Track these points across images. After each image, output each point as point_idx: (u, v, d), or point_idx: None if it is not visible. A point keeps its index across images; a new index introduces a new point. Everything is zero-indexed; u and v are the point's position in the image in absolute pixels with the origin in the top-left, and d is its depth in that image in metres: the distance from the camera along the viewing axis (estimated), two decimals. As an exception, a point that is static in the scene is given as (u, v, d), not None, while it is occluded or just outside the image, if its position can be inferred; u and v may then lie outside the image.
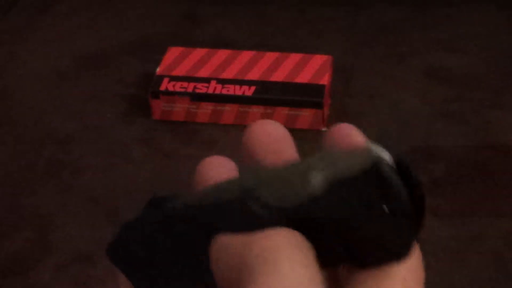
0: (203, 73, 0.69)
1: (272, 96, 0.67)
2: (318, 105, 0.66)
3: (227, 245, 0.25)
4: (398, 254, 0.25)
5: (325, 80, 0.68)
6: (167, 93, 0.68)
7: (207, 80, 0.68)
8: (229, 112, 0.68)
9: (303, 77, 0.68)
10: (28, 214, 0.62)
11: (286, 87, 0.67)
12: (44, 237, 0.61)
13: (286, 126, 0.68)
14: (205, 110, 0.68)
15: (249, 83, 0.68)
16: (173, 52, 0.71)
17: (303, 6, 0.81)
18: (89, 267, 0.58)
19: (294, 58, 0.70)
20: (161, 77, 0.69)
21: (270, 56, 0.70)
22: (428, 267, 0.57)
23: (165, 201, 0.27)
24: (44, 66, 0.76)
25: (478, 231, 0.59)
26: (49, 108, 0.71)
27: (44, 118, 0.70)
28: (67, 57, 0.77)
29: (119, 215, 0.62)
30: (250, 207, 0.25)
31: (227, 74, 0.69)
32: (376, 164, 0.25)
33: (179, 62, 0.70)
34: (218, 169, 0.29)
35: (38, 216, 0.62)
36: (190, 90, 0.68)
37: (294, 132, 0.69)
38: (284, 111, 0.67)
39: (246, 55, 0.70)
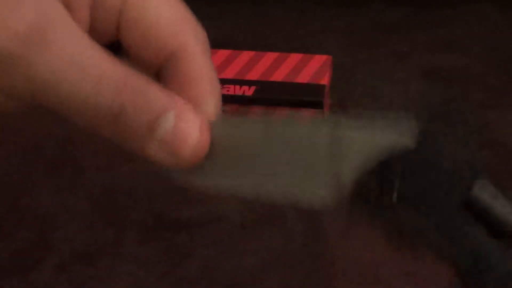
0: (203, 73, 0.69)
1: (272, 96, 0.67)
2: (318, 105, 0.66)
3: None
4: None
5: (325, 80, 0.68)
6: (167, 93, 0.68)
7: (207, 80, 0.68)
8: (229, 112, 0.68)
9: (303, 77, 0.68)
10: (28, 214, 0.62)
11: (286, 87, 0.67)
12: (44, 237, 0.61)
13: (286, 126, 0.68)
14: (205, 110, 0.68)
15: (249, 83, 0.68)
16: (173, 52, 0.71)
17: (303, 6, 0.81)
18: (89, 267, 0.58)
19: (294, 58, 0.70)
20: (161, 77, 0.68)
21: (270, 56, 0.70)
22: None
23: None
24: (44, 66, 0.76)
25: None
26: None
27: (44, 118, 0.70)
28: (67, 57, 0.77)
29: (119, 215, 0.62)
30: None
31: (227, 74, 0.69)
32: None
33: (179, 62, 0.70)
34: None
35: (38, 216, 0.62)
36: (190, 90, 0.68)
37: (294, 132, 0.69)
38: (284, 111, 0.67)
39: (246, 55, 0.70)
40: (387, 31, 0.77)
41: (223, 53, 0.71)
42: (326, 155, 0.29)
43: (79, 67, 0.28)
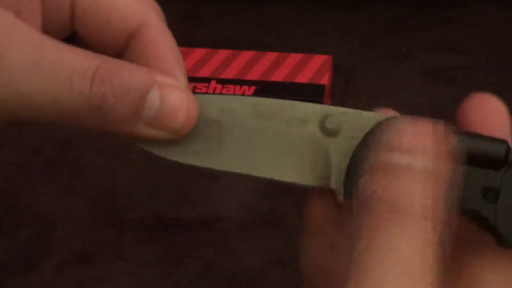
0: (203, 73, 0.69)
1: (272, 96, 0.67)
2: (318, 105, 0.66)
3: None
4: None
5: (325, 80, 0.68)
6: (167, 93, 0.68)
7: (207, 80, 0.68)
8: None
9: (303, 77, 0.68)
10: (28, 214, 0.62)
11: (286, 87, 0.67)
12: (44, 237, 0.61)
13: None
14: (205, 110, 0.68)
15: (249, 83, 0.68)
16: (173, 52, 0.71)
17: (303, 6, 0.81)
18: (89, 267, 0.58)
19: (294, 58, 0.70)
20: (161, 77, 0.68)
21: (270, 56, 0.70)
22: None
23: None
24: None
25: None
26: (49, 108, 0.71)
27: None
28: (67, 57, 0.77)
29: (119, 215, 0.62)
30: None
31: (227, 74, 0.69)
32: None
33: (179, 62, 0.70)
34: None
35: (38, 216, 0.62)
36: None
37: (294, 132, 0.68)
38: (284, 111, 0.67)
39: (246, 55, 0.70)
40: (387, 31, 0.77)
41: (223, 53, 0.71)
42: (316, 133, 0.29)
43: (45, 69, 0.27)
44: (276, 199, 0.62)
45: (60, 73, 0.27)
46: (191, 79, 0.69)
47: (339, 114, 0.29)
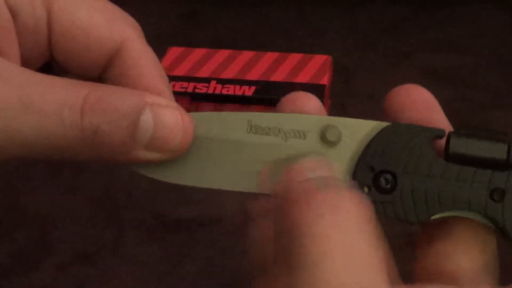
0: (203, 73, 0.69)
1: (272, 96, 0.67)
2: (318, 105, 0.66)
3: None
4: None
5: (325, 80, 0.68)
6: (167, 93, 0.68)
7: (207, 80, 0.68)
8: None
9: (303, 77, 0.68)
10: (28, 214, 0.62)
11: (286, 87, 0.67)
12: (44, 237, 0.61)
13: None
14: (205, 110, 0.68)
15: (249, 83, 0.68)
16: (173, 52, 0.71)
17: (303, 6, 0.81)
18: (89, 267, 0.58)
19: (294, 58, 0.70)
20: (161, 77, 0.68)
21: (270, 56, 0.70)
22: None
23: None
24: (44, 66, 0.76)
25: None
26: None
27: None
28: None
29: (119, 215, 0.62)
30: None
31: (227, 74, 0.69)
32: None
33: (179, 62, 0.70)
34: (305, 102, 0.32)
35: (38, 216, 0.62)
36: (190, 90, 0.68)
37: (294, 132, 0.68)
38: (284, 111, 0.67)
39: (246, 55, 0.70)
40: (387, 31, 0.77)
41: (223, 53, 0.71)
42: (316, 145, 0.30)
43: (33, 106, 0.26)
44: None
45: (49, 108, 0.26)
46: (191, 79, 0.69)
47: (338, 124, 0.30)
